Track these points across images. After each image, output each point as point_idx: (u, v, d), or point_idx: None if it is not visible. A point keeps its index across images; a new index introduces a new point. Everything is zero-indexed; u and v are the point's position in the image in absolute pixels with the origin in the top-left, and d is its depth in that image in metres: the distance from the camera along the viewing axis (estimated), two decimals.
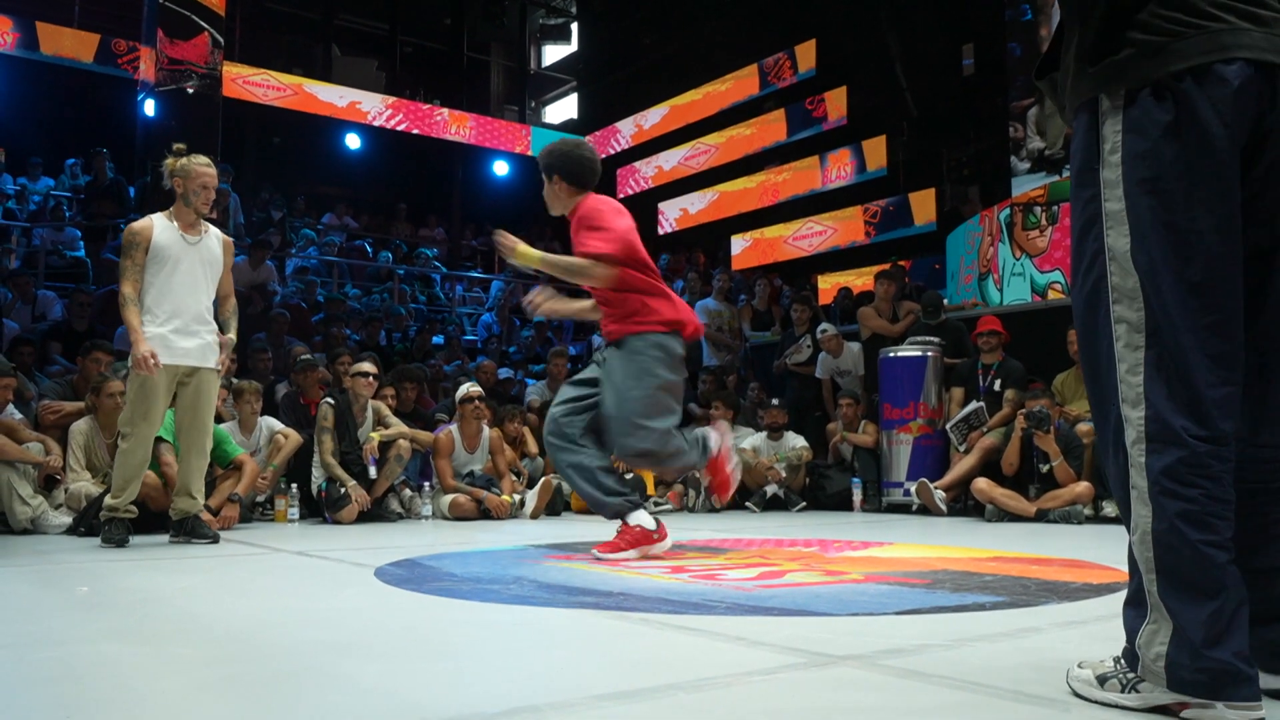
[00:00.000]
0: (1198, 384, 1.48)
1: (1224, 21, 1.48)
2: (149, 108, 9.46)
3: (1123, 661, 1.58)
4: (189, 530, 4.74)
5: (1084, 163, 1.59)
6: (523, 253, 4.00)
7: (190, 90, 9.21)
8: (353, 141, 16.22)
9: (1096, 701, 1.58)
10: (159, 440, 5.21)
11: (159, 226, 4.62)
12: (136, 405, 4.50)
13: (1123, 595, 1.60)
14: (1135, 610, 1.54)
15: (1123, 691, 1.55)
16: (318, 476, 6.23)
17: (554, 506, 6.82)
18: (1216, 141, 1.47)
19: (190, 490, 4.75)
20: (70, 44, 12.56)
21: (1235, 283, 1.51)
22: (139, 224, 4.64)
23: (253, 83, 14.03)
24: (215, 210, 9.25)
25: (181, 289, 4.61)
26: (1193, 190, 1.48)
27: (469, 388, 6.76)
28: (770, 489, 7.29)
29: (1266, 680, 1.59)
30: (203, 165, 4.69)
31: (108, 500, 4.61)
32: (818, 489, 7.58)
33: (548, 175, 4.15)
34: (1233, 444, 1.50)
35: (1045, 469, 5.93)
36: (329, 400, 6.34)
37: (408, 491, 6.63)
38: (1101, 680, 1.59)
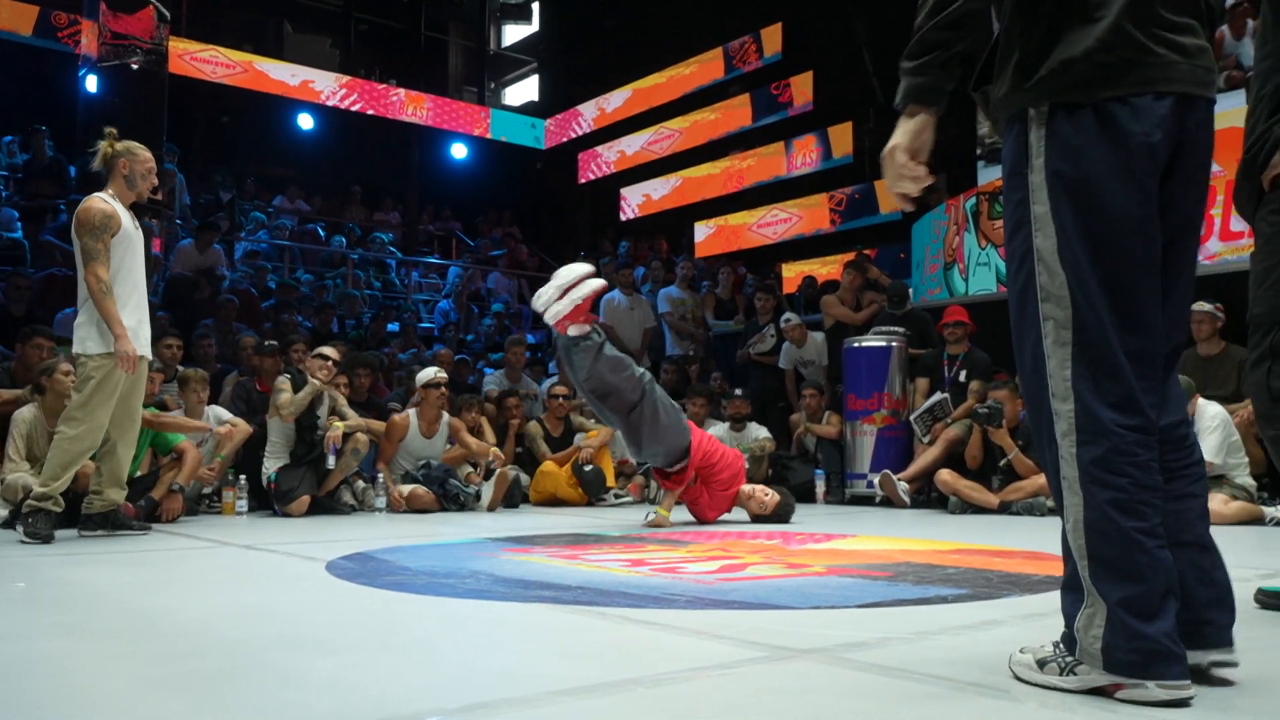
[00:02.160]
0: (1122, 377, 1.58)
1: (1154, 55, 1.60)
2: (91, 84, 9.16)
3: (1061, 646, 1.65)
4: (114, 524, 4.58)
5: (1013, 168, 1.69)
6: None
7: (135, 66, 8.91)
8: (305, 122, 15.88)
9: (1036, 684, 1.65)
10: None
11: (119, 209, 4.45)
12: (98, 393, 4.33)
13: None
14: (1072, 595, 1.63)
15: (1061, 674, 1.63)
16: (268, 467, 6.12)
17: (511, 499, 6.70)
18: (1136, 155, 1.59)
19: (121, 481, 4.60)
20: (7, 16, 12.09)
21: (1154, 282, 1.63)
22: (106, 206, 4.43)
23: (200, 59, 13.64)
24: (160, 192, 9.00)
25: (137, 275, 4.53)
26: (1114, 196, 1.59)
27: (435, 373, 6.58)
28: None
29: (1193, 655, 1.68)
30: (145, 149, 4.60)
31: (38, 489, 4.36)
32: (781, 480, 7.50)
33: None
34: (1156, 433, 1.60)
35: (1004, 462, 5.97)
36: (287, 374, 6.24)
37: (360, 483, 6.51)
38: (1041, 664, 1.67)
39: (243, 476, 6.11)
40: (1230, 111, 6.23)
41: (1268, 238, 2.27)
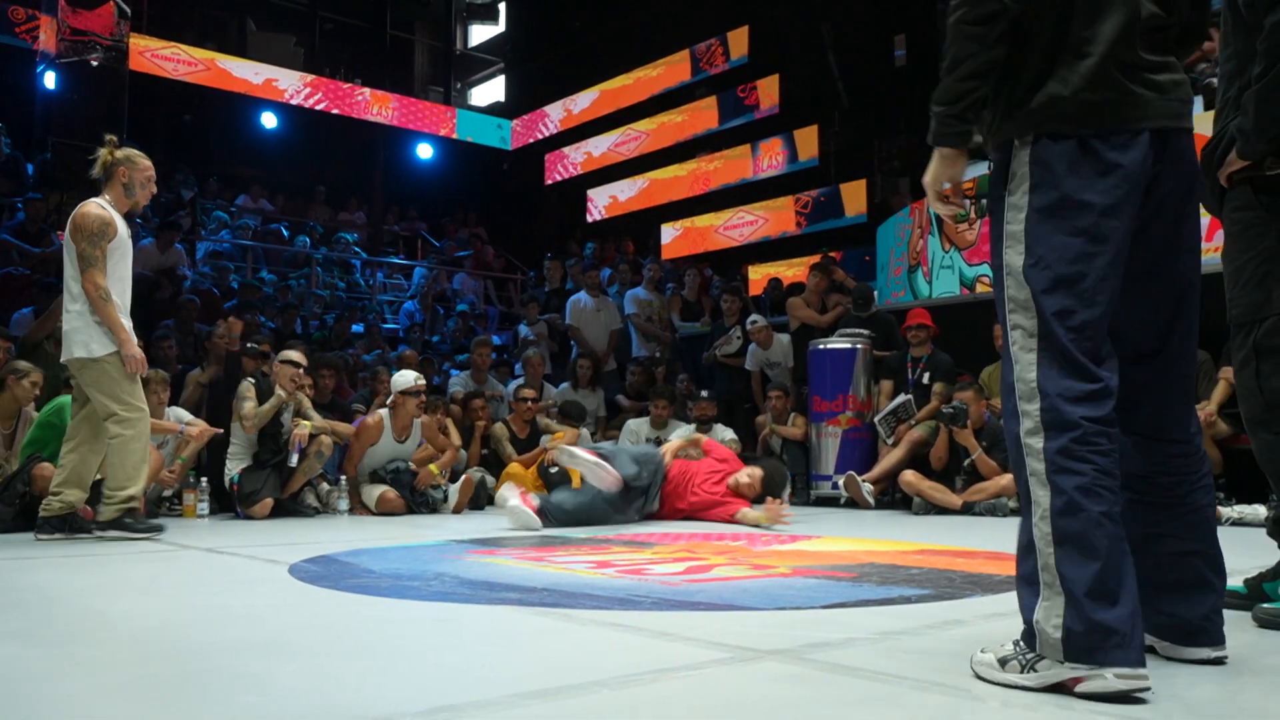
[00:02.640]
0: (1083, 377, 1.69)
1: (1134, 95, 1.74)
2: (49, 80, 9.06)
3: (1022, 643, 1.70)
4: (71, 526, 4.52)
5: (995, 190, 1.83)
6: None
7: (94, 63, 8.81)
8: (269, 120, 15.74)
9: (998, 683, 1.68)
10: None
11: (115, 216, 4.49)
12: (127, 383, 4.45)
13: None
14: (1029, 589, 1.70)
15: (1022, 672, 1.67)
16: (230, 469, 6.04)
17: (477, 501, 6.66)
18: (1113, 185, 1.72)
19: (85, 484, 4.55)
20: None
21: (1116, 295, 1.75)
22: (103, 212, 4.47)
23: (162, 56, 13.48)
24: None
25: (128, 281, 4.59)
26: (1081, 220, 1.71)
27: (415, 380, 6.45)
28: None
29: (1179, 651, 1.81)
30: (145, 158, 4.66)
31: (120, 495, 4.45)
32: None
33: None
34: (1117, 428, 1.70)
35: (968, 463, 6.02)
36: (252, 379, 6.16)
37: (325, 485, 6.44)
38: (1002, 662, 1.71)
39: (204, 479, 6.04)
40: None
41: (1234, 235, 2.29)
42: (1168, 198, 1.81)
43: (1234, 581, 2.28)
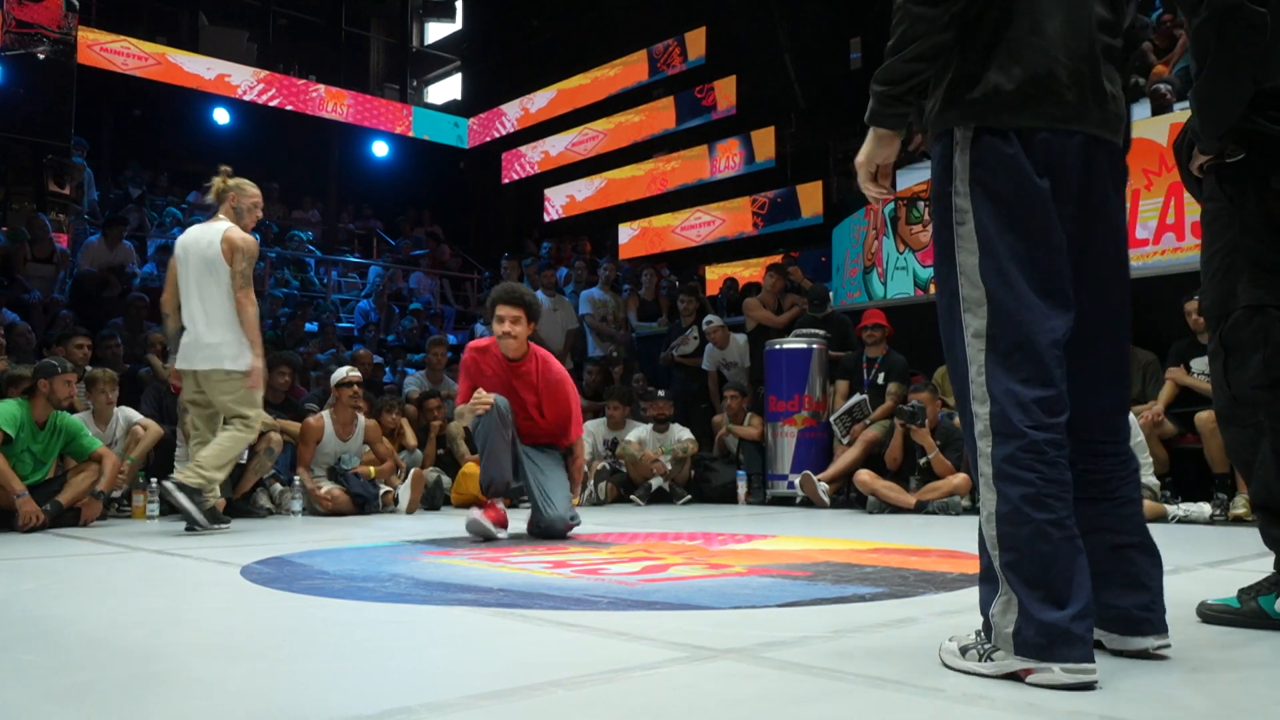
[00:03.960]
0: (1032, 382, 1.69)
1: (1071, 94, 1.74)
2: None
3: (981, 634, 1.76)
4: (215, 518, 4.98)
5: (939, 187, 1.81)
6: None
7: (40, 56, 8.65)
8: (221, 116, 15.52)
9: (959, 670, 1.75)
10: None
11: None
12: (257, 403, 5.02)
13: None
14: (988, 585, 1.74)
15: (980, 660, 1.73)
16: (179, 470, 5.88)
17: (432, 501, 6.62)
18: (1050, 181, 1.73)
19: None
20: None
21: (1066, 296, 1.75)
22: (251, 237, 5.05)
23: (111, 50, 13.25)
24: (69, 186, 8.73)
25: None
26: (1028, 217, 1.72)
27: (348, 371, 6.49)
28: (655, 482, 7.26)
29: (1125, 642, 1.85)
30: (254, 186, 5.14)
31: (217, 476, 4.84)
32: (703, 482, 7.59)
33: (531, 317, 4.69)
34: (1065, 434, 1.71)
35: (924, 461, 6.08)
36: None
37: (278, 486, 6.38)
38: (964, 651, 1.77)
39: (154, 480, 5.93)
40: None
41: (1205, 226, 2.30)
42: (1099, 205, 1.82)
43: (1227, 594, 2.26)
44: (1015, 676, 1.67)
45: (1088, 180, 1.78)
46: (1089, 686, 1.61)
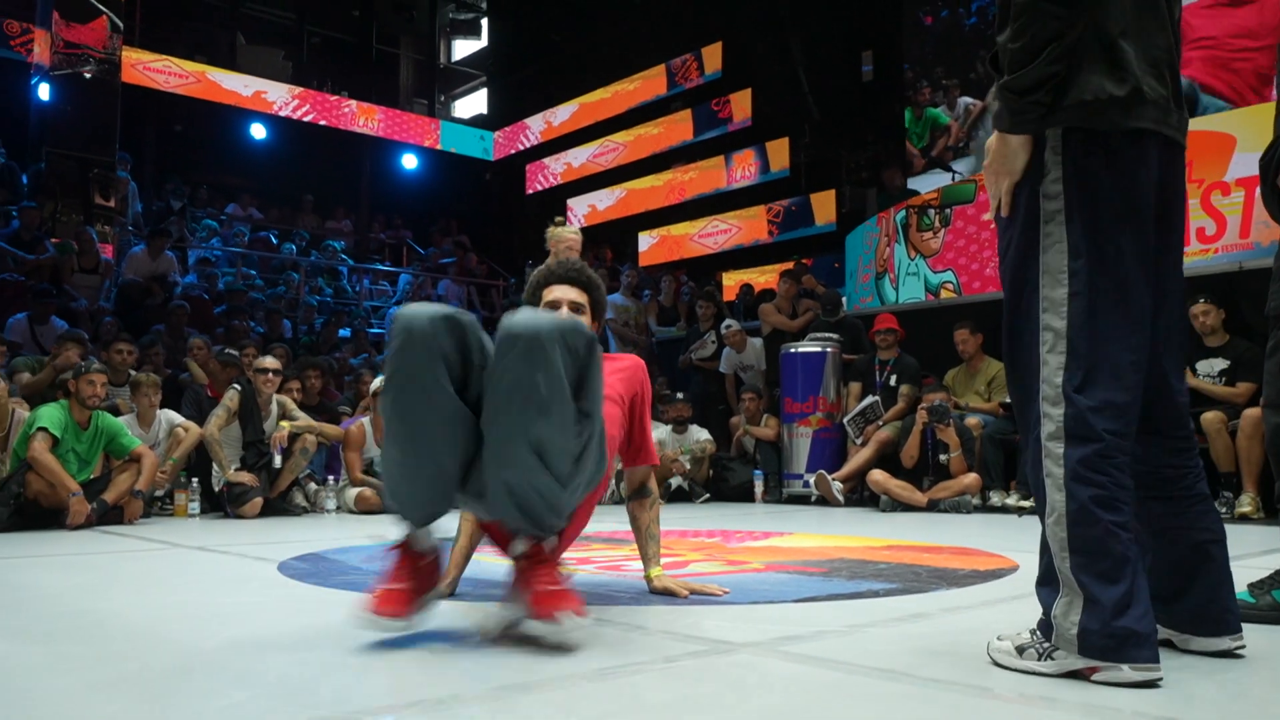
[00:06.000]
0: (1111, 387, 1.68)
1: (1165, 101, 1.75)
2: (43, 92, 9.17)
3: (1039, 633, 1.75)
4: None
5: (1030, 185, 1.77)
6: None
7: (87, 75, 8.96)
8: (258, 131, 15.86)
9: (1014, 669, 1.74)
10: (43, 431, 5.13)
11: None
12: None
13: (1008, 581, 1.86)
14: (1048, 587, 1.73)
15: (1039, 659, 1.71)
16: (219, 471, 6.11)
17: None
18: (1138, 184, 1.72)
19: None
20: None
21: (1147, 301, 1.74)
22: None
23: (154, 69, 13.63)
24: (114, 199, 9.04)
25: None
26: (1120, 219, 1.70)
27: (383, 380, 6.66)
28: (675, 481, 7.38)
29: (1207, 643, 1.83)
30: (570, 233, 5.18)
31: None
32: (721, 481, 7.70)
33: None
34: (1133, 441, 1.72)
35: (944, 459, 6.13)
36: (236, 385, 6.24)
37: (312, 485, 6.54)
38: (1020, 650, 1.75)
39: (195, 479, 6.08)
40: None
41: None
42: (1170, 206, 1.81)
43: (1238, 589, 2.27)
44: (1077, 675, 1.67)
45: (1167, 183, 1.78)
46: (1154, 685, 1.62)
